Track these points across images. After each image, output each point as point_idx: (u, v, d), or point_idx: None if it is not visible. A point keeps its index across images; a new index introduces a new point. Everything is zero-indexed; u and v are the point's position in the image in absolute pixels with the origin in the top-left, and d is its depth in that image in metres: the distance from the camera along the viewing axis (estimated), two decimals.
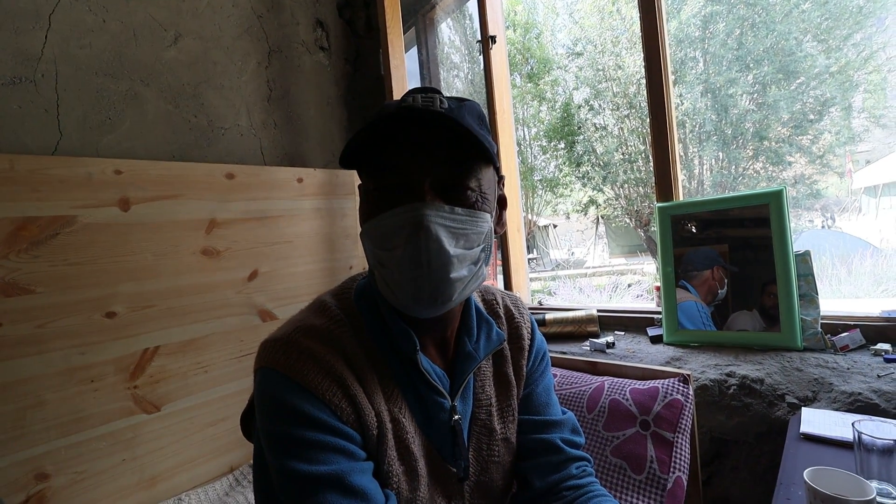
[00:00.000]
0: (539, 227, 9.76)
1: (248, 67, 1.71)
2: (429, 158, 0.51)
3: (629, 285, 5.68)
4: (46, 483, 1.12)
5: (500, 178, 0.62)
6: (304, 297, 1.66)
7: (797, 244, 1.14)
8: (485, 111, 1.75)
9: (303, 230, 1.68)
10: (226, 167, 1.49)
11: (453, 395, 0.60)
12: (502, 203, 0.63)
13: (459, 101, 0.55)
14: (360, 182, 0.59)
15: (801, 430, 0.87)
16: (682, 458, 0.92)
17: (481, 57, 1.72)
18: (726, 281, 1.23)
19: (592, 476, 0.67)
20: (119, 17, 1.40)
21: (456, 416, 0.59)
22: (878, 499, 0.62)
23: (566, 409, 0.72)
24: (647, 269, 7.05)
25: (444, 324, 0.61)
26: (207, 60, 1.60)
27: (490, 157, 0.54)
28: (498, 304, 0.72)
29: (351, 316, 0.58)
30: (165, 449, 1.32)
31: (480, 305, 0.68)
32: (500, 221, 0.63)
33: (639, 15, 1.38)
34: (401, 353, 0.57)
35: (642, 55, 1.40)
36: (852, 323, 1.11)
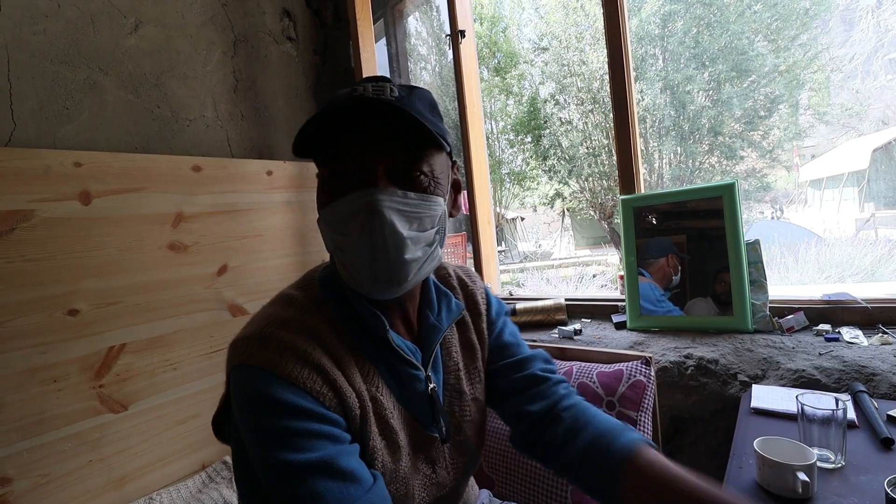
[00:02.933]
0: (507, 219, 9.89)
1: (212, 57, 1.67)
2: (381, 146, 0.53)
3: (594, 276, 5.85)
4: (8, 487, 1.07)
5: (454, 163, 0.64)
6: (276, 291, 1.63)
7: (749, 234, 1.23)
8: (454, 103, 1.77)
9: (273, 223, 1.66)
10: (192, 159, 1.45)
11: (425, 365, 0.63)
12: (456, 187, 0.65)
13: (410, 88, 0.57)
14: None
15: (751, 406, 0.94)
16: (645, 435, 0.98)
17: (450, 51, 1.73)
18: (680, 268, 1.31)
19: (575, 394, 0.71)
20: (75, 3, 1.34)
21: (431, 385, 0.63)
22: (818, 463, 0.69)
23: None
24: (611, 260, 7.28)
25: (405, 302, 0.64)
26: (170, 49, 1.55)
27: (440, 144, 0.55)
28: (451, 276, 0.76)
29: (319, 304, 0.59)
30: (134, 448, 1.29)
31: (436, 280, 0.72)
32: (454, 205, 0.65)
33: (602, 12, 1.43)
34: (372, 334, 0.59)
35: (606, 52, 1.45)
36: (797, 306, 1.20)
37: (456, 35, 1.66)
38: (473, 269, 1.80)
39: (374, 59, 1.84)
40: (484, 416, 0.72)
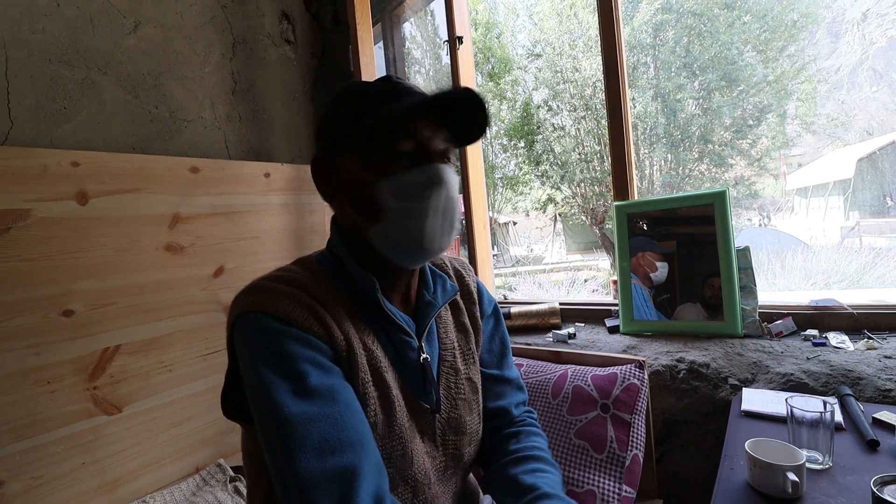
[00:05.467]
0: (500, 224, 9.92)
1: (211, 59, 1.67)
2: (456, 131, 0.63)
3: (585, 280, 5.89)
4: (0, 490, 1.06)
5: None
6: None
7: (737, 241, 1.25)
8: None
9: (270, 226, 1.66)
10: (190, 161, 1.46)
11: (419, 337, 0.67)
12: None
13: None
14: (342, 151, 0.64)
15: (742, 409, 0.96)
16: (639, 437, 1.00)
17: (446, 56, 1.75)
18: (657, 265, 1.34)
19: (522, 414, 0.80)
20: (75, 2, 1.34)
21: (424, 355, 0.66)
22: (807, 464, 0.71)
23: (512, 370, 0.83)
24: (602, 265, 7.33)
25: (410, 279, 0.69)
26: (169, 50, 1.55)
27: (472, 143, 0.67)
28: (447, 265, 0.81)
29: (315, 274, 0.63)
30: (128, 451, 1.29)
31: (432, 266, 0.78)
32: None
33: (598, 22, 1.45)
34: (366, 299, 0.63)
35: (600, 59, 1.47)
36: (785, 311, 1.23)
37: (454, 41, 1.68)
38: None
39: (374, 63, 1.85)
40: (479, 398, 0.74)
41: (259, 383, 0.53)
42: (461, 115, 0.62)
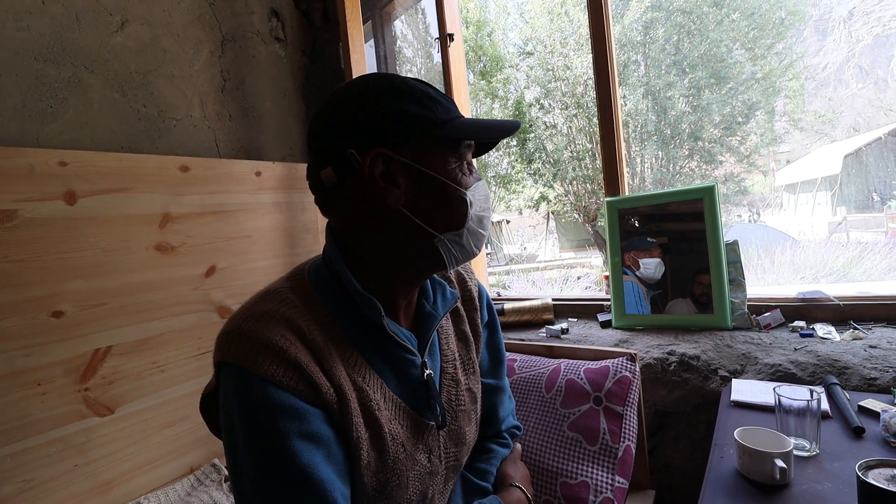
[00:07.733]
0: (493, 222, 9.95)
1: (200, 56, 1.66)
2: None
3: (578, 277, 5.93)
4: None
5: None
6: None
7: (727, 237, 1.27)
8: None
9: (262, 224, 1.65)
10: (179, 159, 1.44)
11: (421, 352, 0.65)
12: None
13: None
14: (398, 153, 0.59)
15: (731, 399, 0.98)
16: (631, 428, 1.01)
17: (437, 54, 1.75)
18: (640, 262, 1.37)
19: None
20: (60, 0, 1.32)
21: (427, 371, 0.64)
22: (794, 451, 0.73)
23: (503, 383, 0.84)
24: (595, 262, 7.38)
25: (412, 293, 0.67)
26: (157, 48, 1.53)
27: None
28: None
29: (304, 295, 0.59)
30: (121, 452, 1.27)
31: None
32: None
33: (588, 19, 1.46)
34: (365, 320, 0.60)
35: (591, 57, 1.48)
36: (774, 304, 1.25)
37: (445, 38, 1.68)
38: None
39: (364, 61, 1.85)
40: (477, 407, 0.74)
41: (242, 464, 0.52)
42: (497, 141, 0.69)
